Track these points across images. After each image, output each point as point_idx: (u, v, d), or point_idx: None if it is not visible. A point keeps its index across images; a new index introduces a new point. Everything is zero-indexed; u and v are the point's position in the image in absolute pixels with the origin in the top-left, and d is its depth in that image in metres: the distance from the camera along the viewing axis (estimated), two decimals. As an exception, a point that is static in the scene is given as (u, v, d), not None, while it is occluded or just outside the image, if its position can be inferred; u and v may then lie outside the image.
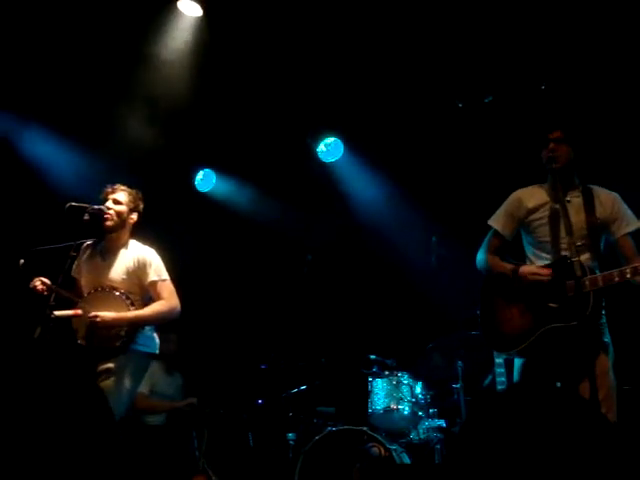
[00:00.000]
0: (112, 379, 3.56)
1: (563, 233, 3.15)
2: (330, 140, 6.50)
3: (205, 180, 7.03)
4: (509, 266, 3.32)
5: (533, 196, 3.42)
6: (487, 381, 4.83)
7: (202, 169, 7.03)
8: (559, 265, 3.15)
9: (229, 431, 5.66)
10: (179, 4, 5.13)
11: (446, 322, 5.27)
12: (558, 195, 3.16)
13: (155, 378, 5.22)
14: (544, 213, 3.33)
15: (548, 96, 5.19)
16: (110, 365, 3.59)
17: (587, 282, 2.97)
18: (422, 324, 5.78)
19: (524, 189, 3.50)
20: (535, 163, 3.44)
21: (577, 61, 5.01)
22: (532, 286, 3.17)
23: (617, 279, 2.94)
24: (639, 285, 3.01)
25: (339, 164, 6.52)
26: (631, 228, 3.22)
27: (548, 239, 3.29)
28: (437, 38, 5.13)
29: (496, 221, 3.50)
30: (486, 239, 3.55)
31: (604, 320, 3.20)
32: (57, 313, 3.52)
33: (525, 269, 3.24)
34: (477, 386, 4.93)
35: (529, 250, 3.44)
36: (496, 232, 3.49)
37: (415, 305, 5.94)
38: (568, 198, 3.23)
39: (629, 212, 3.27)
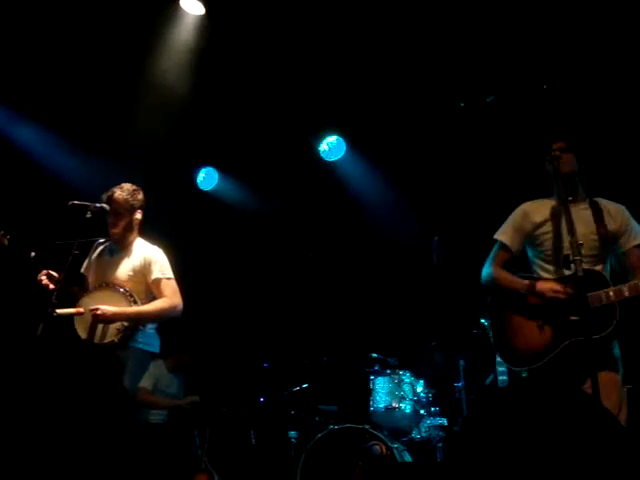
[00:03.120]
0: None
1: (567, 244, 3.05)
2: (332, 139, 6.51)
3: (207, 178, 7.03)
4: (525, 282, 3.23)
5: (540, 210, 3.37)
6: (489, 380, 4.83)
7: (204, 167, 7.04)
8: (578, 277, 3.09)
9: (231, 429, 5.67)
10: (182, 2, 5.14)
11: (448, 321, 5.27)
12: (564, 203, 3.08)
13: (158, 376, 5.25)
14: (551, 227, 3.28)
15: (550, 99, 5.18)
16: None
17: (611, 293, 2.95)
18: (424, 323, 5.77)
19: (530, 202, 3.44)
20: (538, 171, 3.41)
21: (579, 61, 5.01)
22: (551, 301, 3.11)
23: None
24: None
25: (341, 163, 6.52)
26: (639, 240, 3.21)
27: (556, 253, 3.24)
28: (440, 38, 5.13)
29: (503, 235, 3.42)
30: (492, 253, 3.46)
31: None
32: (59, 311, 3.53)
33: (543, 285, 3.15)
34: (479, 384, 4.93)
35: (535, 264, 3.38)
36: (503, 245, 3.41)
37: (417, 304, 5.94)
38: (577, 210, 3.17)
39: (636, 224, 3.26)
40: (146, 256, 3.84)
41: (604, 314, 2.94)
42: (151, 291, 3.83)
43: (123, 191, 3.87)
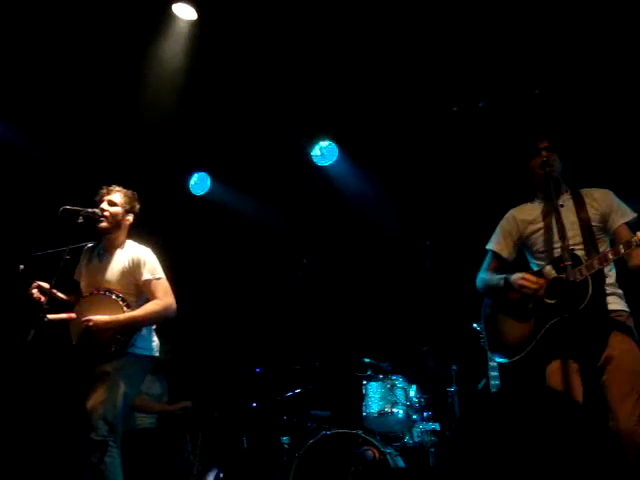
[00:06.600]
0: (108, 382, 3.50)
1: (556, 238, 3.17)
2: (325, 144, 6.51)
3: (199, 183, 7.02)
4: (500, 276, 3.32)
5: (526, 210, 3.46)
6: (481, 384, 4.84)
7: (196, 172, 7.03)
8: (552, 264, 3.17)
9: (223, 434, 5.64)
10: (174, 8, 5.14)
11: (440, 325, 5.28)
12: (552, 201, 3.17)
13: None
14: (541, 224, 3.35)
15: (536, 101, 5.22)
16: (107, 368, 3.53)
17: (583, 268, 2.99)
18: (416, 327, 5.78)
19: (515, 208, 3.53)
20: (522, 178, 3.46)
21: (571, 66, 5.04)
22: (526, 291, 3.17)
23: (612, 255, 2.95)
24: (634, 267, 3.03)
25: (334, 167, 6.53)
26: (627, 218, 3.23)
27: (546, 248, 3.30)
28: (432, 43, 5.15)
29: (493, 243, 3.50)
30: (484, 263, 3.53)
31: (622, 308, 3.15)
32: (50, 317, 3.51)
33: (514, 276, 3.23)
34: (471, 389, 4.94)
35: (532, 264, 3.44)
36: (494, 254, 3.48)
37: (409, 309, 5.95)
38: (561, 202, 3.26)
39: (623, 204, 3.29)
40: (134, 257, 3.79)
41: (580, 290, 2.96)
42: (142, 292, 3.78)
43: (125, 190, 3.94)
